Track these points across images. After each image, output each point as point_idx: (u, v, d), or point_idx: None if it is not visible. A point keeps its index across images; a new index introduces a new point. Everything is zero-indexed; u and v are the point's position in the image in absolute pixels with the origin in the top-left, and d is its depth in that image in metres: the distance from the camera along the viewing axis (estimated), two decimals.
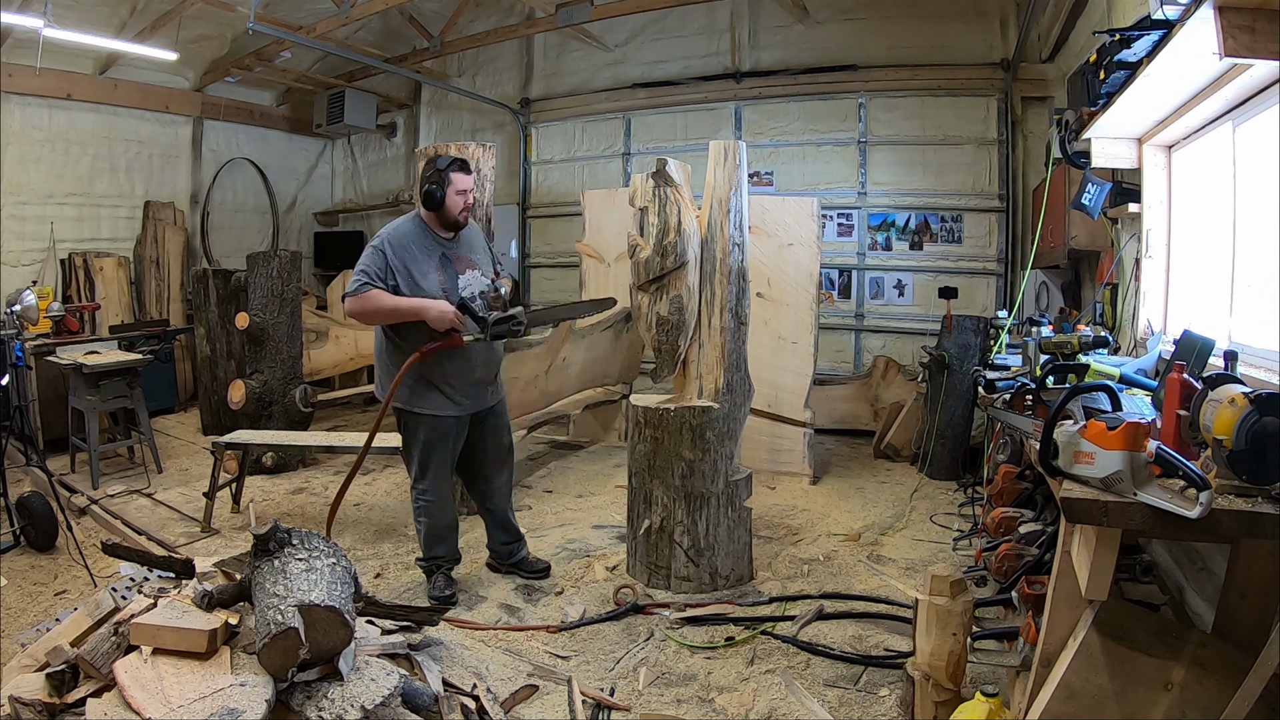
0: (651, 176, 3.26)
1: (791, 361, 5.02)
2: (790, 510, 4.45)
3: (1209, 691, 1.63)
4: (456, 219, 3.08)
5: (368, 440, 3.17)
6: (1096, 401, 1.84)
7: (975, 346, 4.97)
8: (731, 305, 3.34)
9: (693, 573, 3.31)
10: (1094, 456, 1.55)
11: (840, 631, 2.97)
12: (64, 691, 1.87)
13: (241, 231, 8.57)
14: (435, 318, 2.90)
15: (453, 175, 3.03)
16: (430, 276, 3.01)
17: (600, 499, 4.69)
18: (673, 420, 3.26)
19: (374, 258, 2.96)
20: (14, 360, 4.13)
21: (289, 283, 5.38)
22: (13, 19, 5.44)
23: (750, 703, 2.49)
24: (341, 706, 1.80)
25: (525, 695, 2.47)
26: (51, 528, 3.72)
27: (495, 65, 8.29)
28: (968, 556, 3.56)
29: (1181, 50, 2.07)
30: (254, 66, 7.51)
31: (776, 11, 6.74)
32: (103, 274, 6.99)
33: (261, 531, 2.02)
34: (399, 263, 2.96)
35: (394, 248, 2.97)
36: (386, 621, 2.49)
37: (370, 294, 2.91)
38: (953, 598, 2.19)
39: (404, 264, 2.97)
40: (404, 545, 3.86)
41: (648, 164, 3.70)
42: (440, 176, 3.02)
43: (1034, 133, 6.16)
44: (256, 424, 5.13)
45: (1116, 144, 3.20)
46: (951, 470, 4.98)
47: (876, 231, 6.68)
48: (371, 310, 2.95)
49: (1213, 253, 2.88)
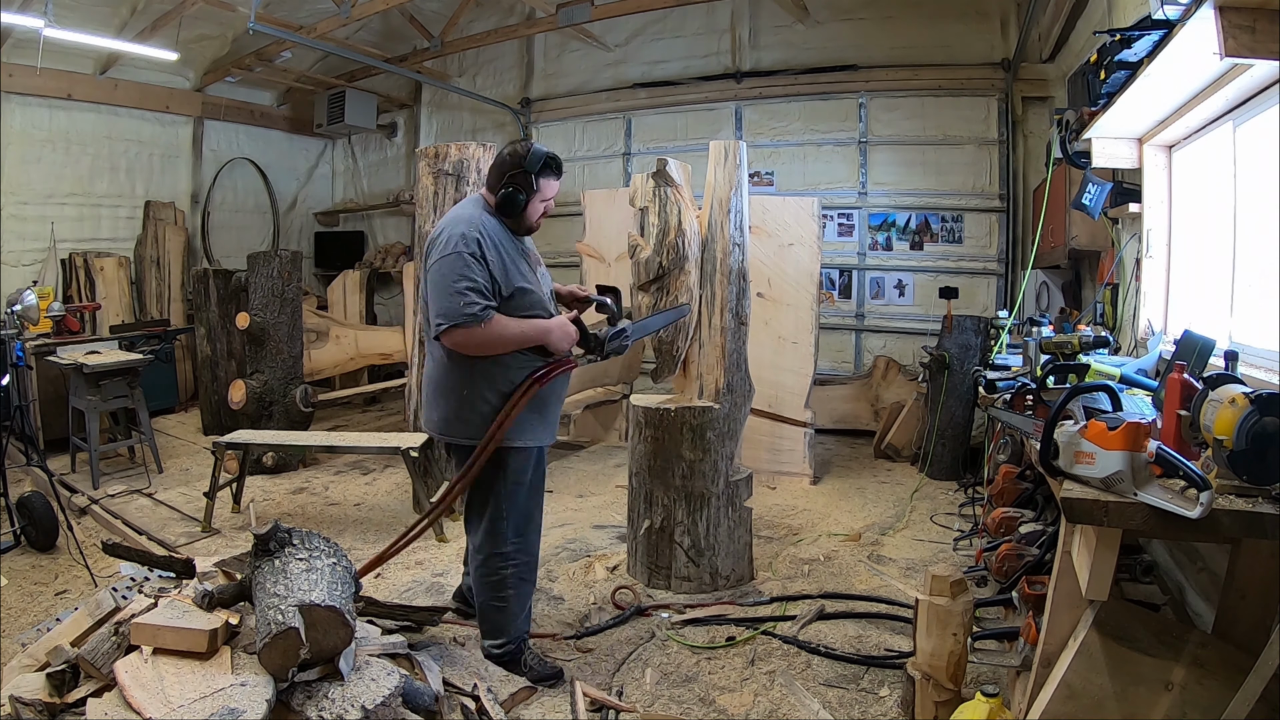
0: (652, 176, 3.26)
1: (792, 361, 5.02)
2: (791, 510, 4.45)
3: (1209, 691, 1.63)
4: (532, 225, 2.58)
5: (451, 493, 2.59)
6: (1097, 401, 1.84)
7: (976, 346, 4.97)
8: (732, 305, 3.34)
9: (693, 573, 3.31)
10: (1094, 456, 1.55)
11: (840, 631, 2.97)
12: (64, 691, 1.87)
13: (242, 231, 8.58)
14: (559, 341, 2.45)
15: (543, 182, 2.49)
16: (528, 276, 2.51)
17: (600, 499, 4.69)
18: (673, 420, 3.26)
19: (473, 268, 2.34)
20: (14, 360, 4.13)
21: (289, 283, 5.39)
22: (13, 19, 5.44)
23: (751, 703, 2.49)
24: (342, 706, 1.80)
25: (525, 696, 2.46)
26: (52, 527, 3.73)
27: (496, 65, 8.29)
28: (968, 556, 3.56)
29: (1182, 50, 2.07)
30: (254, 66, 7.51)
31: (777, 11, 6.74)
32: (103, 274, 6.99)
33: (262, 531, 2.02)
34: (499, 267, 2.40)
35: (490, 249, 2.39)
36: (387, 621, 2.49)
37: (494, 322, 2.34)
38: (953, 598, 2.19)
39: (504, 267, 2.42)
40: None
41: (648, 164, 3.70)
42: (527, 181, 2.46)
43: (1034, 133, 6.16)
44: (257, 424, 5.13)
45: (1117, 144, 3.20)
46: (952, 470, 4.98)
47: (877, 231, 6.68)
48: (494, 341, 2.37)
49: (1213, 253, 2.88)
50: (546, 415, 2.59)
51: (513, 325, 2.40)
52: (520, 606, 2.61)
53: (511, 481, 2.53)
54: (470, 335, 2.34)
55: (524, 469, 2.56)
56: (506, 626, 2.59)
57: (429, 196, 4.37)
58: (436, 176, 4.35)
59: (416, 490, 4.15)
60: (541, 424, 2.57)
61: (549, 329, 2.45)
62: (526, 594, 2.64)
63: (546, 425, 2.60)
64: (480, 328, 2.33)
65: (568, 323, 2.50)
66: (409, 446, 3.98)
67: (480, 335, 2.34)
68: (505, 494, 2.53)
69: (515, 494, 2.55)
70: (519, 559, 2.58)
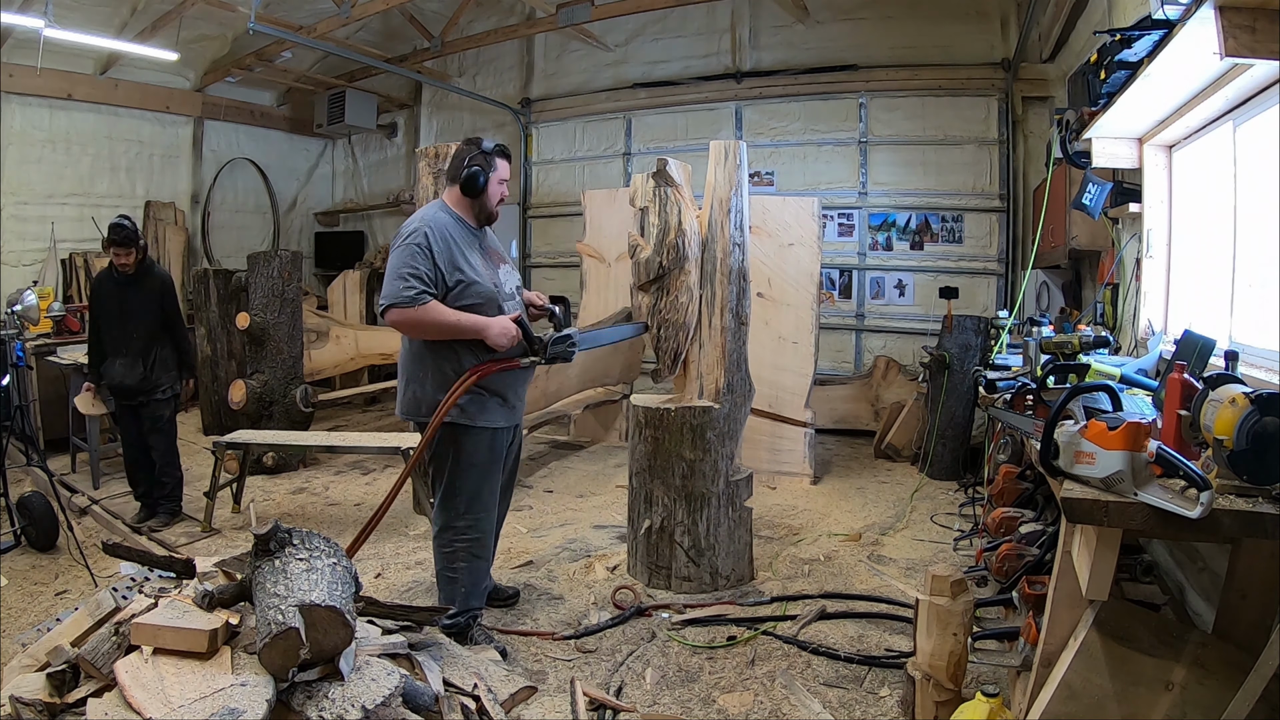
0: (652, 176, 3.26)
1: (792, 361, 5.02)
2: (791, 510, 4.45)
3: (1209, 691, 1.63)
4: (493, 211, 2.81)
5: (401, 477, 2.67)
6: (1097, 401, 1.84)
7: (976, 346, 4.97)
8: (732, 305, 3.34)
9: (693, 573, 3.31)
10: (1095, 456, 1.55)
11: (841, 631, 2.97)
12: (64, 691, 1.87)
13: (242, 231, 8.58)
14: (496, 337, 2.58)
15: (498, 161, 2.77)
16: (479, 269, 2.70)
17: (601, 499, 4.69)
18: (673, 420, 3.26)
19: (418, 258, 2.56)
20: (15, 360, 4.13)
21: (290, 283, 5.39)
22: (13, 19, 5.45)
23: (751, 703, 2.49)
24: (342, 706, 1.80)
25: (525, 696, 2.46)
26: (52, 528, 3.73)
27: (496, 65, 8.30)
28: (968, 556, 3.56)
29: (1182, 50, 2.07)
30: (254, 66, 7.52)
31: (777, 11, 6.74)
32: None
33: (262, 531, 2.02)
34: (445, 258, 2.61)
35: (437, 242, 2.60)
36: (387, 621, 2.49)
37: (428, 306, 2.54)
38: (953, 598, 2.19)
39: (450, 257, 2.62)
40: (404, 545, 3.87)
41: (648, 164, 3.69)
42: (486, 161, 2.73)
43: (1034, 133, 6.17)
44: (257, 424, 5.13)
45: (1117, 144, 3.19)
46: (952, 470, 4.98)
47: (877, 231, 6.68)
48: (427, 324, 2.57)
49: (1213, 252, 2.88)
50: (509, 400, 2.78)
51: (449, 314, 2.58)
52: (471, 582, 2.76)
53: (465, 460, 2.70)
54: (405, 315, 2.55)
55: (477, 448, 2.70)
56: (459, 596, 2.74)
57: (429, 196, 4.35)
58: (436, 176, 4.33)
59: (416, 490, 4.15)
60: (503, 408, 2.76)
61: (487, 325, 2.59)
62: (478, 570, 2.79)
63: (507, 409, 2.78)
64: (415, 310, 2.53)
65: (508, 322, 2.63)
66: (409, 447, 3.98)
67: (414, 316, 2.55)
68: (459, 471, 2.70)
69: (468, 472, 2.71)
70: (470, 535, 2.73)
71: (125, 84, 7.19)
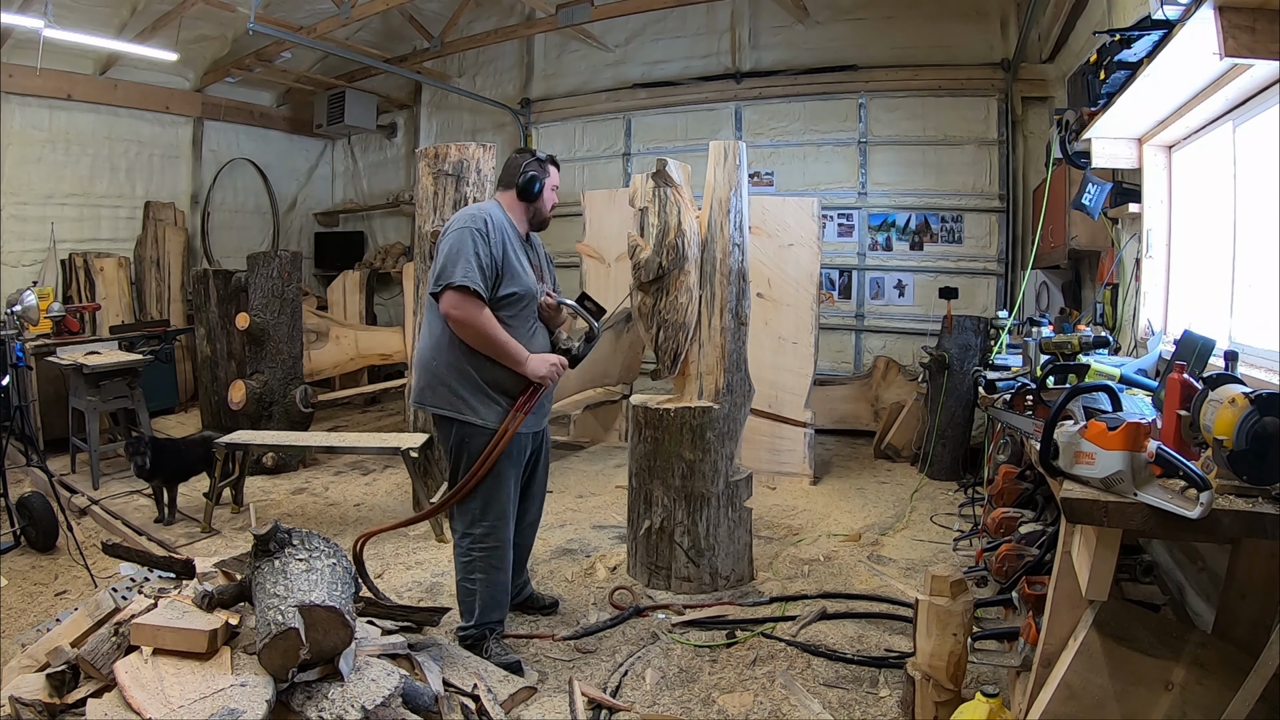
0: (652, 177, 3.26)
1: (792, 362, 5.02)
2: (790, 510, 4.45)
3: (1209, 692, 1.63)
4: (546, 216, 2.80)
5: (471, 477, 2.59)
6: (1097, 402, 1.84)
7: (975, 347, 4.97)
8: (732, 305, 3.34)
9: (693, 573, 3.31)
10: (1094, 457, 1.55)
11: (841, 632, 2.97)
12: (64, 692, 1.87)
13: (242, 232, 8.58)
14: (533, 370, 2.58)
15: (551, 169, 2.79)
16: (527, 274, 2.66)
17: (600, 499, 4.69)
18: (673, 421, 3.26)
19: (479, 244, 2.50)
20: (14, 360, 4.13)
21: (289, 283, 5.39)
22: (13, 19, 5.44)
23: (751, 703, 2.49)
24: (342, 707, 1.80)
25: (525, 696, 2.46)
26: (52, 528, 3.72)
27: (495, 65, 8.29)
28: (968, 557, 3.56)
29: (1182, 50, 2.07)
30: (254, 67, 7.52)
31: (777, 11, 6.74)
32: (103, 274, 6.99)
33: (262, 532, 2.02)
34: (500, 249, 2.55)
35: (494, 231, 2.55)
36: (387, 622, 2.49)
37: (485, 313, 2.50)
38: (953, 598, 2.19)
39: (504, 250, 2.57)
40: (404, 545, 3.87)
41: (648, 164, 3.70)
42: (543, 167, 2.74)
43: (1034, 133, 6.17)
44: (257, 424, 5.13)
45: (1117, 144, 3.19)
46: (952, 470, 4.98)
47: (877, 232, 6.68)
48: (476, 328, 2.50)
49: (1213, 253, 2.88)
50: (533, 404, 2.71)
51: (500, 332, 2.54)
52: (489, 594, 2.68)
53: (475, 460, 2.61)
54: (462, 308, 2.47)
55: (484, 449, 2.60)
56: (478, 607, 2.68)
57: (429, 197, 4.37)
58: (436, 177, 4.35)
59: (416, 490, 4.15)
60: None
61: (526, 360, 2.58)
62: (496, 583, 2.69)
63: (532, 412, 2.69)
64: (472, 307, 2.47)
65: (551, 360, 2.64)
66: (409, 447, 3.98)
67: (469, 314, 2.48)
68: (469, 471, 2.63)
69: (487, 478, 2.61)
70: (487, 543, 2.65)
71: (125, 84, 7.19)
